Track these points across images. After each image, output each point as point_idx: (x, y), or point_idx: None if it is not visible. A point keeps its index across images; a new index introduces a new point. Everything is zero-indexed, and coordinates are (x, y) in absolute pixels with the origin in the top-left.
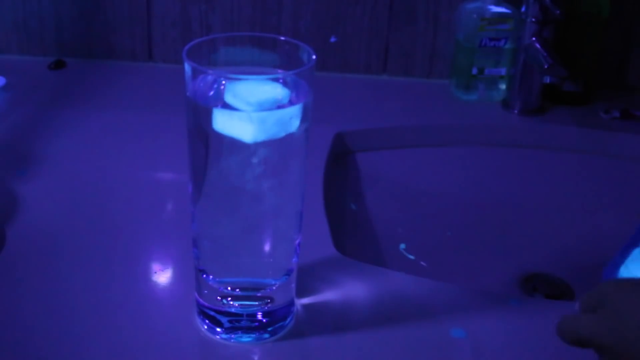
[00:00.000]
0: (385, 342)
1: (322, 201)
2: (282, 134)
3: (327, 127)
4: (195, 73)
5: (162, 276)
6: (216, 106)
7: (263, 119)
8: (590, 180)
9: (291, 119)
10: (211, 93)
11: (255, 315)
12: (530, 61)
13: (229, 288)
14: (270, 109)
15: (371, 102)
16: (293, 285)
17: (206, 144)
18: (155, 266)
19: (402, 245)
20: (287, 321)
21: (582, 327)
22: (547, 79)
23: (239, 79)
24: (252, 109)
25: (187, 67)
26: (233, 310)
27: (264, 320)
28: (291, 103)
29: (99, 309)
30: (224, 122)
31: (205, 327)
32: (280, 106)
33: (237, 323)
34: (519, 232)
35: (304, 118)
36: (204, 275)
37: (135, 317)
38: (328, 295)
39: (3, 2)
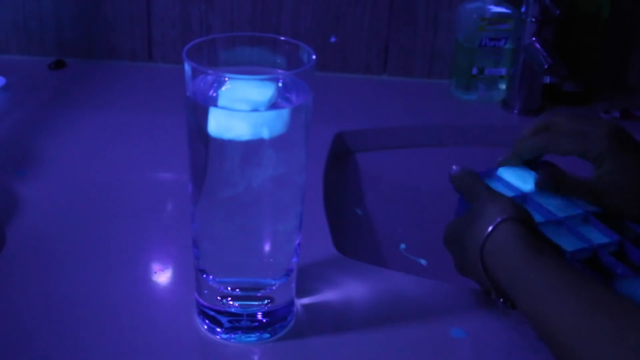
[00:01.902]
0: (385, 342)
1: (322, 201)
2: (247, 137)
3: (327, 127)
4: (195, 73)
5: (162, 276)
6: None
7: (227, 116)
8: None
9: (262, 125)
10: (211, 93)
11: (255, 315)
12: (530, 61)
13: (229, 288)
14: (236, 110)
15: (371, 102)
16: (293, 285)
17: (206, 144)
18: (155, 266)
19: (402, 245)
20: (287, 321)
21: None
22: (547, 79)
23: (238, 79)
24: (219, 106)
25: (187, 67)
26: (233, 310)
27: (264, 320)
28: (275, 108)
29: (98, 309)
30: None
31: (205, 327)
32: (254, 110)
33: (237, 323)
34: None
35: (297, 120)
36: (204, 275)
37: (135, 317)
38: (328, 295)
39: (3, 2)
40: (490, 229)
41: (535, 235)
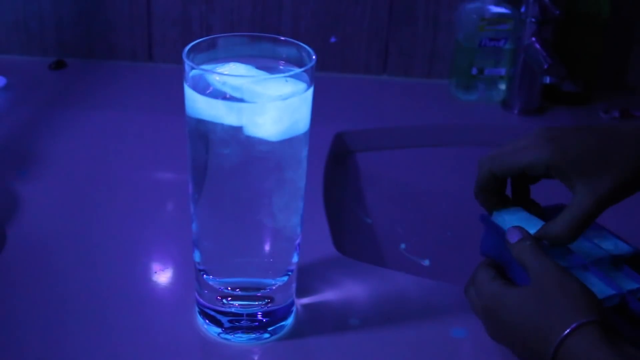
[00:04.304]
0: (385, 342)
1: (322, 201)
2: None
3: (327, 127)
4: (194, 73)
5: (162, 276)
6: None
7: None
8: None
9: (249, 111)
10: (210, 90)
11: (255, 315)
12: (530, 61)
13: (229, 288)
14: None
15: (371, 102)
16: (293, 285)
17: (206, 144)
18: (155, 266)
19: (402, 245)
20: (287, 321)
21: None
22: (547, 79)
23: (238, 78)
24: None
25: (187, 67)
26: (233, 310)
27: (264, 320)
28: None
29: (98, 309)
30: None
31: (205, 327)
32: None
33: (237, 323)
34: None
35: (296, 120)
36: (204, 275)
37: (135, 317)
38: (328, 295)
39: (3, 2)
40: (566, 332)
41: (613, 333)
